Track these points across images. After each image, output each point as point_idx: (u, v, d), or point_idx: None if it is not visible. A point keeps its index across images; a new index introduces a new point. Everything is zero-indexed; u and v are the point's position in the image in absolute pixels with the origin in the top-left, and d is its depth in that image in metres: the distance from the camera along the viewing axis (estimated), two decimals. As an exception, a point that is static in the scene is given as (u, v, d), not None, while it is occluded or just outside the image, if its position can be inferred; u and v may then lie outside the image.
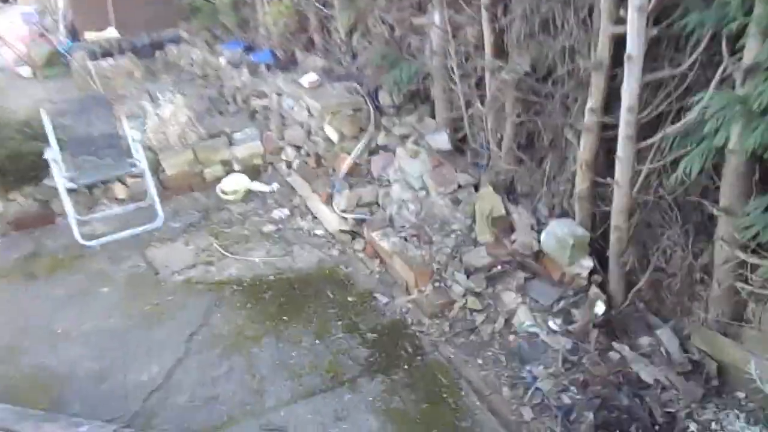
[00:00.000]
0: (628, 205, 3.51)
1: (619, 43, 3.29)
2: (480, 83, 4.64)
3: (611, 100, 3.56)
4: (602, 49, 3.44)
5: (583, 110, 3.69)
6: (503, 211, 4.23)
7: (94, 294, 4.57)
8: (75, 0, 10.79)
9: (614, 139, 3.48)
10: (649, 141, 3.33)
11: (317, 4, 6.48)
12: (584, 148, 3.71)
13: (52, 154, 5.18)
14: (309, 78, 5.99)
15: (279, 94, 6.37)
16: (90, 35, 10.65)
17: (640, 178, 3.42)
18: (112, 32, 10.82)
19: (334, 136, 5.54)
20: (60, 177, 5.20)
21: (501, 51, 4.31)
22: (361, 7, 5.76)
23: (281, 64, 7.26)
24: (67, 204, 5.23)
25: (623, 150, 3.38)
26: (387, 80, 5.22)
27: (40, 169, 5.25)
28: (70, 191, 5.47)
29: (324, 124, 5.62)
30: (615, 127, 3.46)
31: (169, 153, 5.94)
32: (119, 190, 5.85)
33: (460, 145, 5.03)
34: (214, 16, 9.48)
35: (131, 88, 8.77)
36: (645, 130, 3.34)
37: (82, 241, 5.21)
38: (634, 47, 3.11)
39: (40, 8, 11.49)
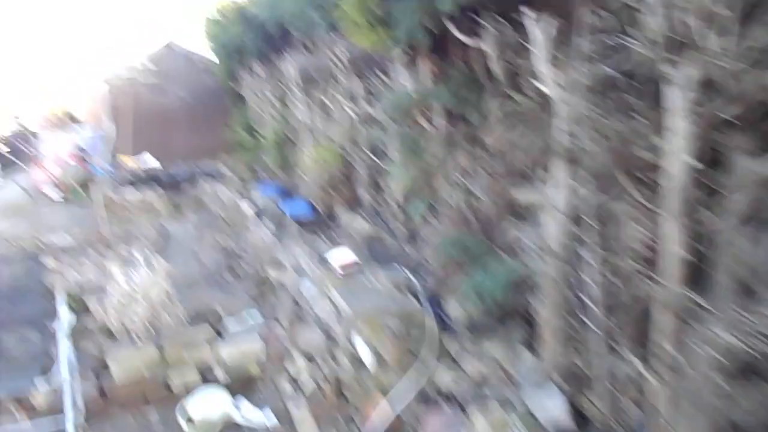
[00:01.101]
0: None
1: None
2: (641, 322, 2.36)
3: None
4: None
5: None
6: None
7: None
8: (118, 125, 9.84)
9: None
10: None
11: (368, 153, 4.50)
12: None
13: None
14: (342, 257, 3.81)
15: (298, 272, 4.21)
16: (125, 159, 9.65)
17: None
18: (149, 158, 9.76)
19: (367, 358, 3.24)
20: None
21: (698, 279, 2.07)
22: (428, 162, 3.68)
23: (317, 221, 5.29)
24: None
25: None
26: (464, 285, 2.96)
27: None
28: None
29: (353, 335, 3.36)
30: None
31: (122, 349, 3.75)
32: (37, 397, 3.64)
33: (581, 421, 2.64)
34: (256, 154, 8.18)
35: (145, 227, 7.14)
36: None
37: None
38: None
39: (100, 133, 10.76)
